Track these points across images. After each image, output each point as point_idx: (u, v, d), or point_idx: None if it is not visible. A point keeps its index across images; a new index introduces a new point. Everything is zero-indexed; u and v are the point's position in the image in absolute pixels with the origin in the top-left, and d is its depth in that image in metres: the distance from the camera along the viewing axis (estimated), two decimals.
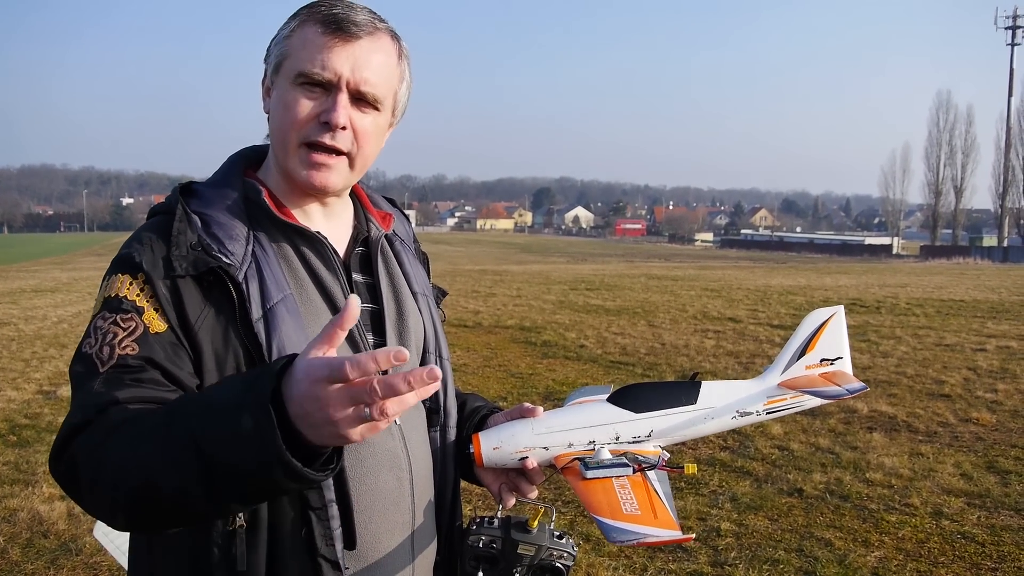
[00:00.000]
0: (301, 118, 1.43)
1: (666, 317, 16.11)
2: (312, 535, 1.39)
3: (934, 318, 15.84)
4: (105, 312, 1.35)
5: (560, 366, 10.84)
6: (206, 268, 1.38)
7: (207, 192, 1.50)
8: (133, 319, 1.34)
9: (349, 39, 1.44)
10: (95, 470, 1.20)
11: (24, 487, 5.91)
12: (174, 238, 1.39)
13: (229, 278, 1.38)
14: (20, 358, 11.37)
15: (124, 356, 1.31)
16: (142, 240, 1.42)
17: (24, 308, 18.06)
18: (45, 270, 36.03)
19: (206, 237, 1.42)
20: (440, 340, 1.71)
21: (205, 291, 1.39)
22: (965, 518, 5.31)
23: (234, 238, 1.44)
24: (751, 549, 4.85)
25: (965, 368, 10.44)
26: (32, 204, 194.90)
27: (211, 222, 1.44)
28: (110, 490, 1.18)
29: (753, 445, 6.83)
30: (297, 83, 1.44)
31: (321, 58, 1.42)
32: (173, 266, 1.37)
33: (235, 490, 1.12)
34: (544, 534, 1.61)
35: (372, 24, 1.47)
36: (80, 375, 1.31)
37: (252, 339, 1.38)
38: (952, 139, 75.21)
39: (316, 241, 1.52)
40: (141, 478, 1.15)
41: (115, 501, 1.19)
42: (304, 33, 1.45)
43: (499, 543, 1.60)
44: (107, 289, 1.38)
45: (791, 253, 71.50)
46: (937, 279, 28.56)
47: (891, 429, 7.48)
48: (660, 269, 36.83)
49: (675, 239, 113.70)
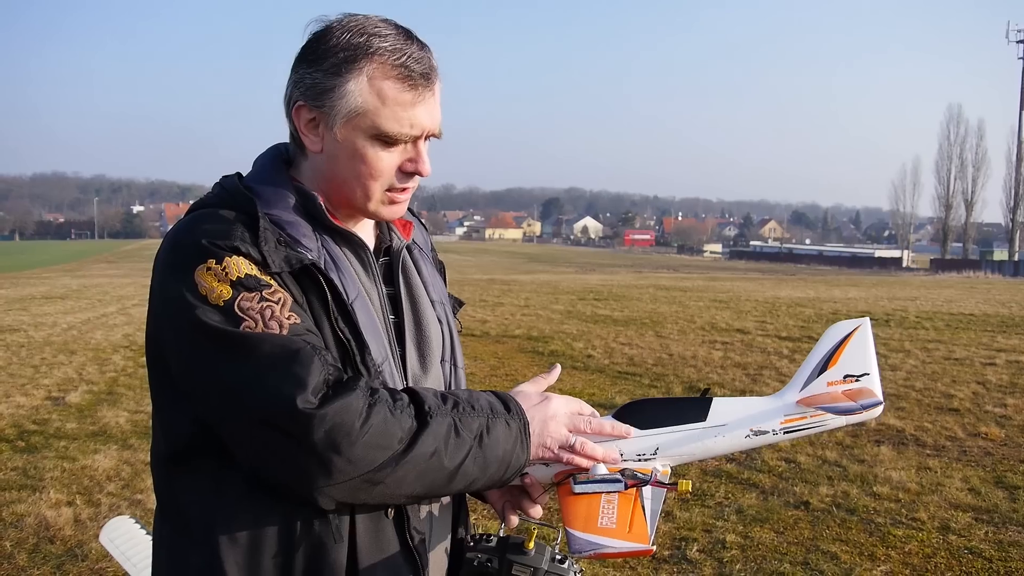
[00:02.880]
0: (386, 171, 1.46)
1: (674, 328, 16.09)
2: (401, 512, 1.47)
3: (943, 332, 15.78)
4: (244, 292, 1.31)
5: (567, 376, 10.82)
6: (300, 265, 1.39)
7: (266, 192, 1.47)
8: (276, 291, 1.34)
9: (427, 91, 1.44)
10: (382, 431, 1.29)
11: (31, 492, 5.93)
12: (262, 233, 1.38)
13: (320, 273, 1.40)
14: (29, 364, 11.43)
15: (294, 326, 1.32)
16: (231, 233, 1.36)
17: (34, 315, 18.14)
18: (56, 277, 36.20)
19: (285, 235, 1.42)
20: (456, 348, 1.72)
21: (298, 286, 1.40)
22: (973, 533, 5.27)
23: (307, 236, 1.45)
24: (756, 562, 4.84)
25: (974, 382, 10.39)
26: (44, 211, 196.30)
27: (281, 222, 1.44)
28: (392, 450, 1.30)
29: (760, 457, 6.81)
30: (378, 139, 1.43)
31: (407, 119, 1.42)
32: (268, 261, 1.37)
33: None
34: (543, 556, 1.56)
35: (432, 64, 1.46)
36: (261, 354, 1.28)
37: (352, 326, 1.42)
38: (963, 152, 75.29)
39: (362, 247, 1.54)
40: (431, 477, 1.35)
41: (391, 462, 1.31)
42: (379, 88, 1.41)
43: (495, 562, 1.56)
44: (229, 272, 1.32)
45: (800, 265, 71.42)
46: (947, 292, 28.46)
47: (899, 443, 7.45)
48: (668, 280, 36.81)
49: (684, 250, 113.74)
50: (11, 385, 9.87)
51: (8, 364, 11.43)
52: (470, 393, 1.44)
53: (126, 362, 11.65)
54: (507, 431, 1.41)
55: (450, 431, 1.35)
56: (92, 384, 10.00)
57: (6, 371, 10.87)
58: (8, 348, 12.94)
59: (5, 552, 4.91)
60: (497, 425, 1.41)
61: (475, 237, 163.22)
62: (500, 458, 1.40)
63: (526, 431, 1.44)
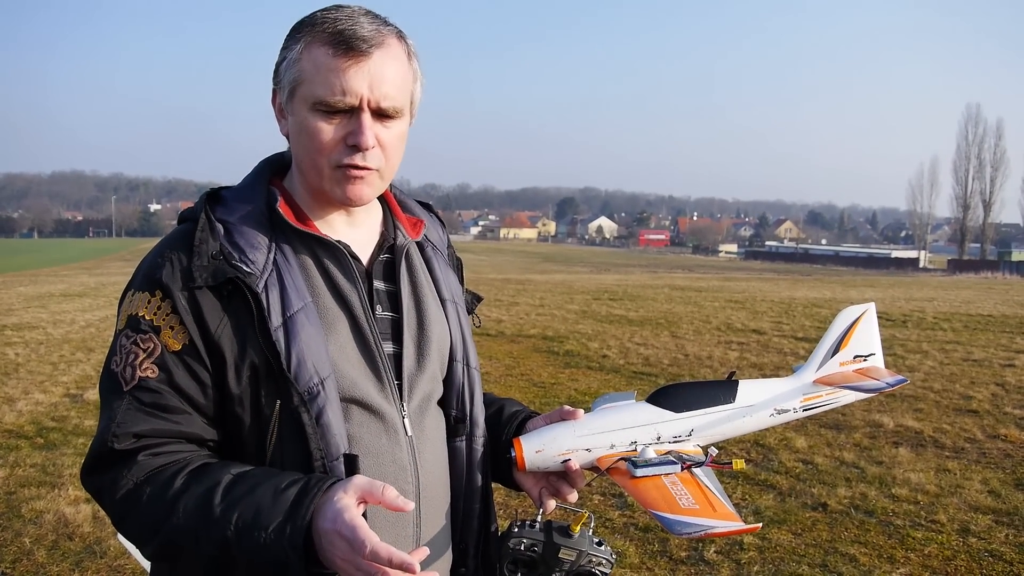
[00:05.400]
0: (328, 144, 1.44)
1: (689, 328, 16.03)
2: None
3: (961, 333, 15.65)
4: (128, 331, 1.41)
5: (582, 376, 10.81)
6: (224, 278, 1.39)
7: (232, 200, 1.51)
8: (152, 339, 1.40)
9: (361, 57, 1.41)
10: (124, 512, 1.38)
11: (50, 489, 5.97)
12: (196, 247, 1.41)
13: (247, 288, 1.39)
14: (48, 361, 11.51)
15: (145, 379, 1.39)
16: (163, 254, 1.45)
17: (53, 312, 18.28)
18: (74, 275, 36.48)
19: (228, 246, 1.43)
20: (468, 348, 1.70)
21: (224, 300, 1.41)
22: (993, 536, 5.23)
23: (255, 247, 1.45)
24: (774, 564, 4.81)
25: (993, 383, 10.30)
26: (62, 209, 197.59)
27: (233, 230, 1.46)
28: (139, 531, 1.39)
29: (777, 458, 6.77)
30: (316, 109, 1.42)
31: (338, 83, 1.41)
32: (193, 276, 1.40)
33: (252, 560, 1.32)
34: (585, 540, 1.61)
35: (379, 33, 1.44)
36: (107, 392, 1.42)
37: (271, 347, 1.40)
38: (981, 152, 74.68)
39: (335, 250, 1.52)
40: (167, 541, 1.34)
41: (142, 541, 1.41)
42: (313, 55, 1.42)
43: (540, 547, 1.59)
44: (129, 306, 1.44)
45: (816, 265, 71.03)
46: (965, 293, 28.22)
47: (917, 444, 7.39)
48: (683, 280, 36.68)
49: (699, 250, 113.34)
50: (30, 382, 9.95)
51: (27, 361, 11.52)
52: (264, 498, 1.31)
53: None
54: (262, 550, 1.28)
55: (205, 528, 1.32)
56: None
57: (25, 368, 10.96)
58: (27, 345, 13.04)
59: (25, 549, 4.94)
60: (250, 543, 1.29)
61: (490, 237, 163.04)
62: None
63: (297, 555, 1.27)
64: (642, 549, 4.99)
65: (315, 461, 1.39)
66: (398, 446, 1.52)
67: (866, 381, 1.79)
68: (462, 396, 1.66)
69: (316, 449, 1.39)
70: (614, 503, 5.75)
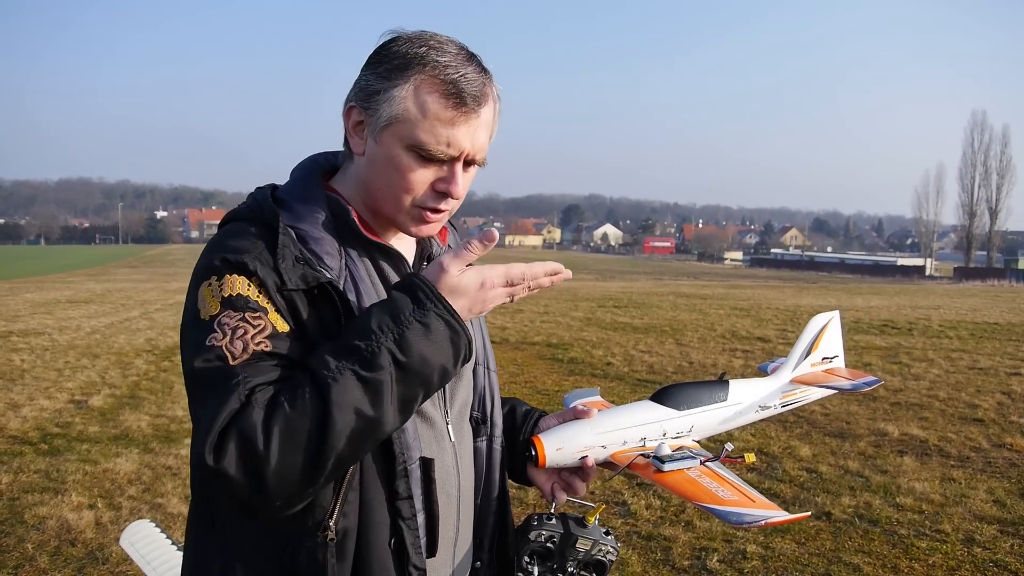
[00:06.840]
0: (417, 186, 1.45)
1: (694, 336, 16.01)
2: (403, 544, 1.43)
3: (967, 341, 15.59)
4: (229, 311, 1.33)
5: (587, 383, 10.77)
6: (316, 283, 1.39)
7: (295, 203, 1.49)
8: (262, 318, 1.35)
9: (471, 114, 1.43)
10: (288, 433, 1.24)
11: (53, 495, 5.98)
12: (280, 251, 1.39)
13: (336, 292, 1.40)
14: (53, 367, 11.54)
15: (258, 352, 1.32)
16: (242, 250, 1.38)
17: (59, 318, 18.34)
18: (80, 281, 36.60)
19: (306, 252, 1.43)
20: (488, 352, 1.75)
21: (312, 303, 1.40)
22: (998, 546, 5.19)
23: (330, 253, 1.46)
24: (777, 573, 4.79)
25: (999, 392, 10.25)
26: (69, 216, 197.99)
27: (307, 237, 1.45)
28: (305, 441, 1.25)
29: (781, 467, 6.75)
30: (414, 151, 1.43)
31: (444, 136, 1.42)
32: (283, 279, 1.38)
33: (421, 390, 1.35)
34: (597, 530, 1.74)
35: (484, 86, 1.45)
36: (209, 369, 1.30)
37: None
38: (987, 160, 74.42)
39: (397, 258, 1.56)
40: (338, 425, 1.26)
41: (313, 453, 1.26)
42: (423, 100, 1.41)
43: (558, 538, 1.71)
44: (224, 289, 1.35)
45: (822, 273, 70.87)
46: (971, 301, 28.15)
47: (922, 453, 7.36)
48: (688, 287, 36.65)
49: (704, 257, 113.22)
50: (35, 388, 9.97)
51: (32, 367, 11.55)
52: (367, 318, 1.35)
53: (148, 366, 11.75)
54: (425, 335, 1.33)
55: (359, 383, 1.28)
56: (114, 388, 10.09)
57: (30, 374, 10.99)
58: (32, 351, 13.08)
59: (27, 554, 4.95)
60: (410, 335, 1.32)
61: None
62: (431, 363, 1.34)
63: (452, 316, 1.36)
64: (645, 558, 4.98)
65: (398, 465, 1.43)
66: (445, 452, 1.56)
67: (836, 380, 2.02)
68: (483, 399, 1.71)
69: (399, 453, 1.43)
70: (617, 511, 5.74)
